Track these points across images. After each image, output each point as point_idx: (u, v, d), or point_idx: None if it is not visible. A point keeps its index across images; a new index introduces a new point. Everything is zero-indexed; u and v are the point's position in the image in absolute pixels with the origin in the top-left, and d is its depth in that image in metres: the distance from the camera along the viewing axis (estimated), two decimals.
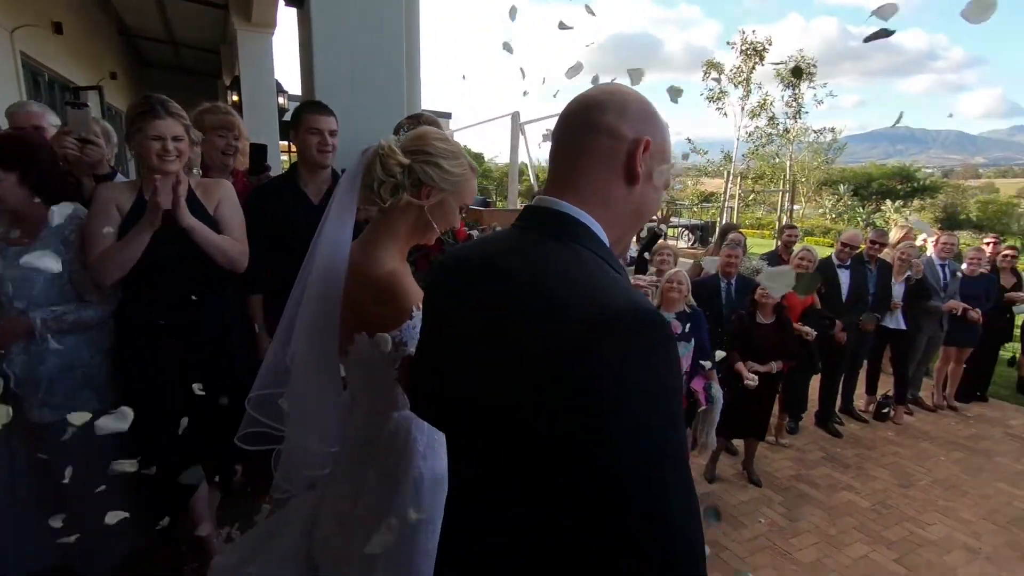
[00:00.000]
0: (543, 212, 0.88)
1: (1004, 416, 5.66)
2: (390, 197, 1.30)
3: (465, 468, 0.87)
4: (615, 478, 0.65)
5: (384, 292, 1.28)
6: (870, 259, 4.98)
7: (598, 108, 0.88)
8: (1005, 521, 3.81)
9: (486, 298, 0.84)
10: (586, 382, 0.66)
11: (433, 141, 1.34)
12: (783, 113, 14.05)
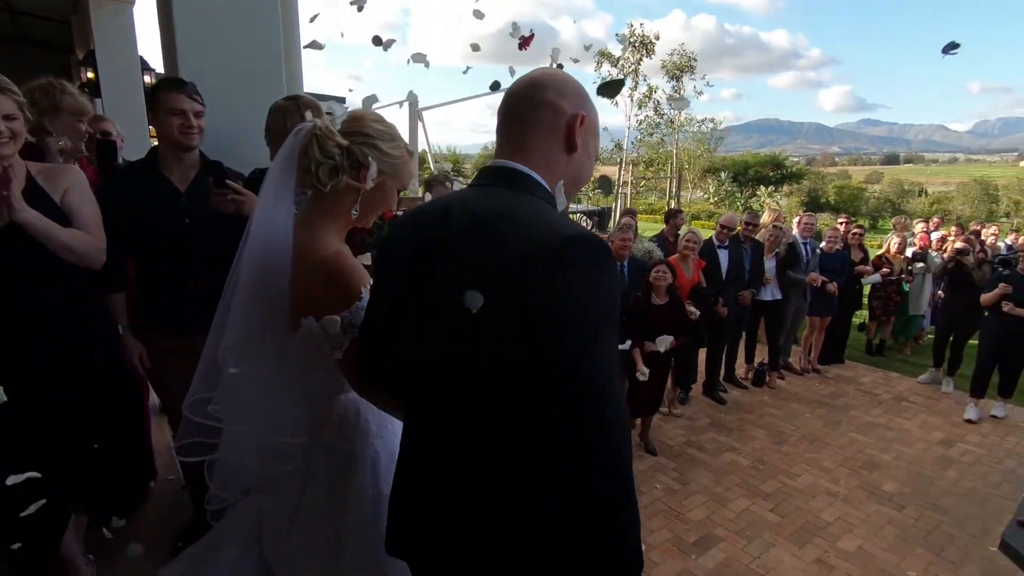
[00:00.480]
0: (498, 170, 1.02)
1: (857, 375, 6.45)
2: (329, 179, 1.27)
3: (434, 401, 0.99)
4: (571, 375, 0.82)
5: (332, 274, 1.25)
6: (745, 239, 5.43)
7: (541, 87, 1.02)
8: (858, 466, 4.35)
9: (453, 236, 0.95)
10: (551, 288, 0.83)
11: (371, 123, 1.32)
12: (668, 104, 14.93)
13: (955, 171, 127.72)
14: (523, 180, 1.00)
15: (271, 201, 1.30)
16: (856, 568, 3.15)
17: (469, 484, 0.95)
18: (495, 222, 0.92)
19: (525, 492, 0.89)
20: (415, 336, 1.02)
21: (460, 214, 0.96)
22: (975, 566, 3.24)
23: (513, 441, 0.89)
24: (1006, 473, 4.34)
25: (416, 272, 1.01)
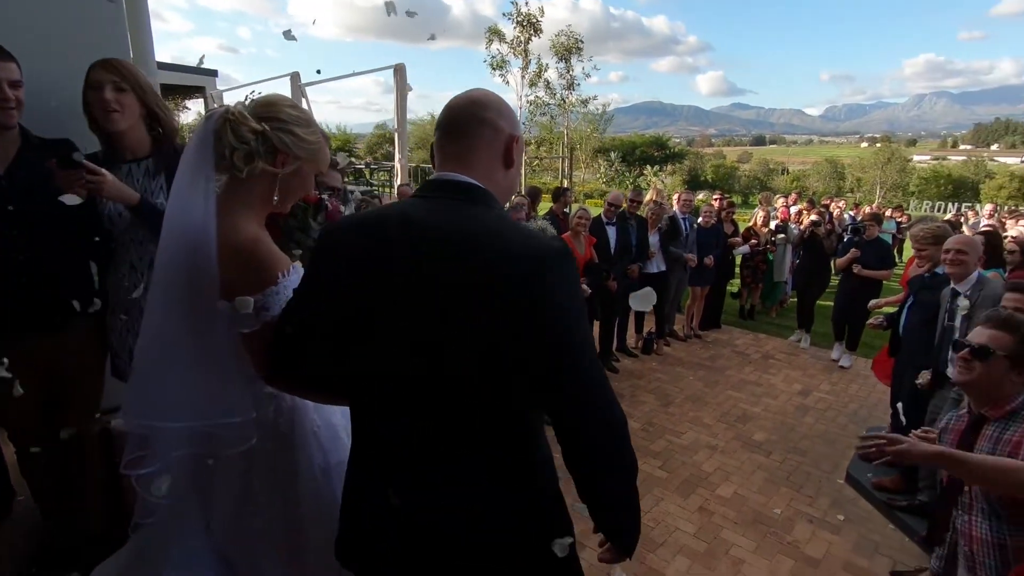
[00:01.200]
0: (450, 183, 1.09)
1: (732, 338, 7.08)
2: (244, 165, 1.26)
3: (404, 402, 1.04)
4: (565, 350, 0.99)
5: (247, 258, 1.25)
6: (631, 215, 5.71)
7: (483, 106, 1.12)
8: (733, 420, 4.80)
9: (431, 249, 1.00)
10: (538, 292, 0.96)
11: (285, 108, 1.32)
12: (559, 84, 15.21)
13: (811, 151, 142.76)
14: (477, 193, 1.09)
15: (186, 186, 1.26)
16: (732, 511, 3.48)
17: (465, 483, 1.07)
18: (479, 232, 1.01)
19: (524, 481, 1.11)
20: (382, 343, 1.05)
21: (428, 227, 1.02)
22: (827, 497, 3.71)
23: (507, 431, 1.07)
24: (850, 415, 4.99)
25: (384, 283, 1.03)
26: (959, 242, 3.29)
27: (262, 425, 1.40)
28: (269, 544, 1.44)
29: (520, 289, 0.96)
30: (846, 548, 3.21)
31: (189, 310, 1.28)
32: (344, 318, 1.08)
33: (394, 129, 13.13)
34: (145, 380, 1.33)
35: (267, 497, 1.42)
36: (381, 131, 42.08)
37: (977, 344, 1.78)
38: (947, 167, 57.79)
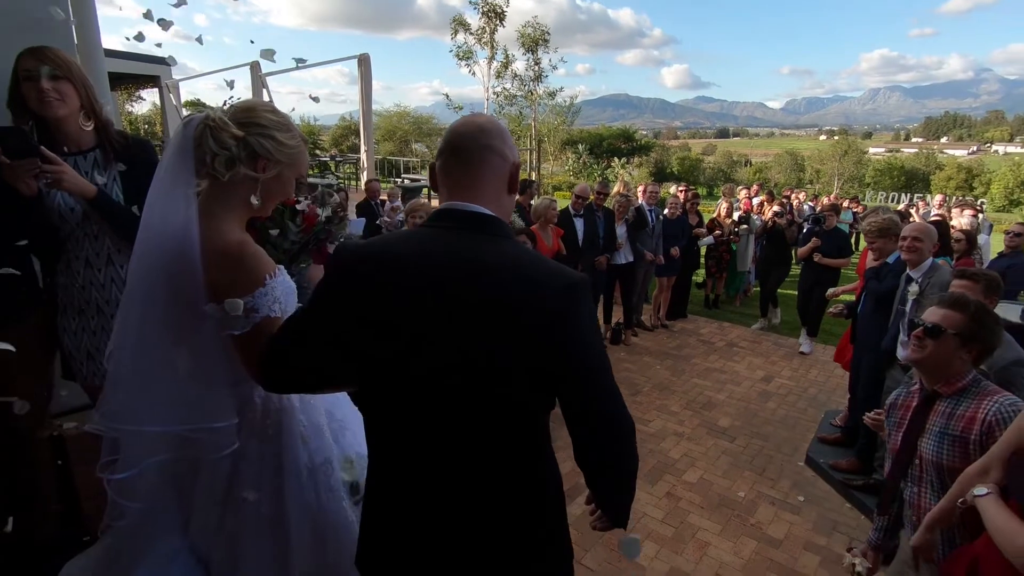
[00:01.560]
0: (467, 215, 1.14)
1: (698, 327, 7.23)
2: (226, 170, 1.27)
3: (431, 418, 1.10)
4: (588, 374, 1.11)
5: (235, 262, 1.27)
6: (598, 207, 5.75)
7: (489, 134, 1.16)
8: (699, 407, 4.91)
9: (466, 282, 1.06)
10: (563, 321, 1.06)
11: (264, 113, 1.33)
12: (526, 76, 15.08)
13: (772, 144, 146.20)
14: (495, 225, 1.15)
15: (166, 191, 1.26)
16: (698, 496, 3.57)
17: (486, 496, 1.15)
18: (511, 265, 1.08)
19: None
20: (417, 370, 1.09)
21: (469, 261, 1.09)
22: (788, 479, 3.84)
23: (526, 447, 1.17)
24: (810, 400, 5.16)
25: (419, 315, 1.07)
26: (915, 230, 3.43)
27: (249, 426, 1.41)
28: (252, 543, 1.44)
29: (551, 320, 1.05)
30: (806, 528, 3.33)
31: (171, 314, 1.28)
32: (386, 348, 1.11)
33: (359, 121, 12.91)
34: (123, 384, 1.31)
35: (252, 503, 1.42)
36: (346, 123, 41.26)
37: (930, 323, 1.85)
38: (900, 159, 60.03)
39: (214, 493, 1.44)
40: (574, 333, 1.07)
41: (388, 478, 1.20)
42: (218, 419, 1.34)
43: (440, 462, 1.13)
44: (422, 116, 39.47)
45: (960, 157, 70.11)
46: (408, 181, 16.15)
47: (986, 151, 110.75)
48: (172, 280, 1.25)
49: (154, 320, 1.28)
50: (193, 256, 1.24)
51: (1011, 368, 2.24)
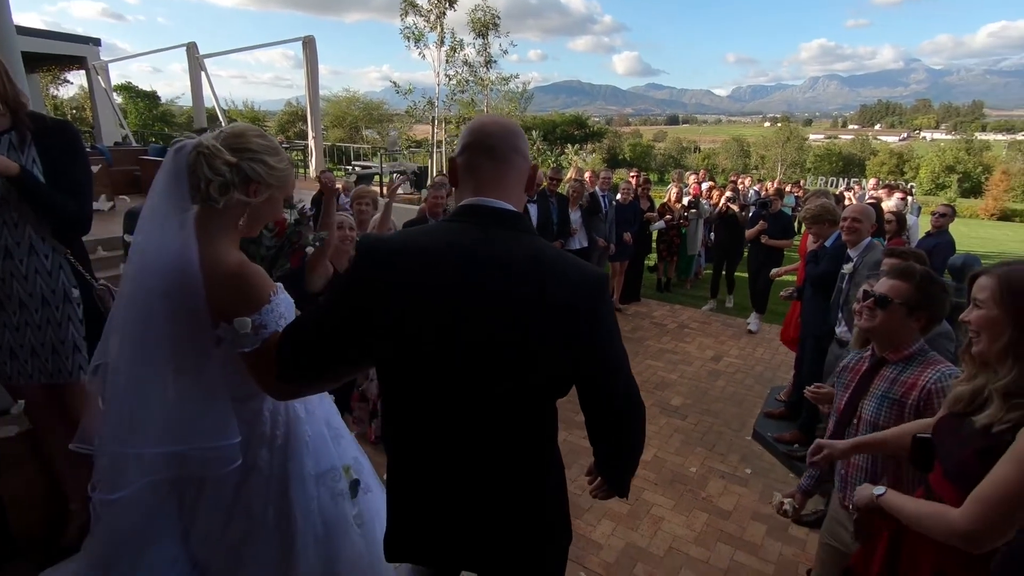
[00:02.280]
0: (497, 211, 1.17)
1: (650, 310, 7.39)
2: (221, 196, 1.29)
3: (461, 406, 1.17)
4: (613, 363, 1.23)
5: (239, 283, 1.31)
6: (551, 193, 5.77)
7: (516, 136, 1.22)
8: (652, 387, 5.03)
9: (503, 275, 1.11)
10: (595, 317, 1.15)
11: (254, 138, 1.36)
12: (477, 61, 14.75)
13: (720, 131, 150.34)
14: (521, 221, 1.20)
15: (161, 217, 1.27)
16: (652, 473, 3.67)
17: (504, 480, 1.24)
18: (540, 259, 1.14)
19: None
20: (451, 352, 1.13)
21: (504, 254, 1.13)
22: (737, 454, 4.00)
23: (538, 437, 1.27)
24: (757, 376, 5.38)
25: (457, 303, 1.11)
26: (854, 211, 3.59)
27: (259, 438, 1.46)
28: (255, 549, 1.47)
29: (584, 312, 1.13)
30: (753, 498, 3.48)
31: (171, 335, 1.30)
32: (427, 339, 1.14)
33: (306, 106, 12.48)
34: (123, 406, 1.31)
35: (260, 507, 1.46)
36: (293, 108, 39.77)
37: (879, 293, 1.94)
38: (838, 145, 62.83)
39: (220, 502, 1.47)
40: (603, 329, 1.16)
41: (413, 463, 1.27)
42: (220, 437, 1.36)
43: (463, 446, 1.21)
44: (372, 102, 38.43)
45: (892, 143, 74.01)
46: (360, 168, 15.78)
47: (915, 137, 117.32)
48: (171, 302, 1.27)
49: (152, 341, 1.29)
50: (194, 279, 1.27)
51: (937, 340, 2.39)
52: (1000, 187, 35.46)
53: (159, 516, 1.46)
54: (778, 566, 2.94)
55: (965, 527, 1.27)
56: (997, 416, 1.30)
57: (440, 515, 1.26)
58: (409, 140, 20.14)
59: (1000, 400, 1.31)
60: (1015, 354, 1.29)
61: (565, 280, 1.12)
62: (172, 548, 1.49)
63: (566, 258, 1.18)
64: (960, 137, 63.37)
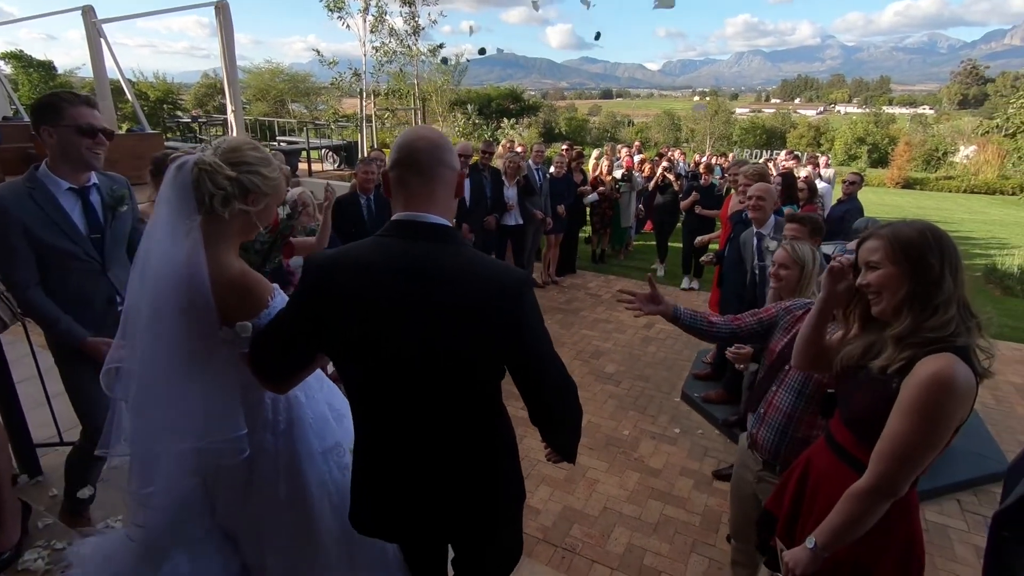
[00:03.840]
0: (427, 226, 1.28)
1: (586, 281, 7.54)
2: (223, 207, 1.40)
3: (407, 399, 1.29)
4: (540, 357, 1.31)
5: (241, 289, 1.43)
6: (484, 167, 5.72)
7: (441, 150, 1.30)
8: (587, 356, 5.17)
9: (429, 287, 1.22)
10: (517, 319, 1.24)
11: (249, 152, 1.46)
12: (404, 31, 14.05)
13: (652, 104, 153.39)
14: (449, 233, 1.29)
15: (169, 230, 1.36)
16: (587, 439, 3.79)
17: (453, 458, 1.37)
18: (464, 270, 1.25)
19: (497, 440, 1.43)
20: (396, 359, 1.26)
21: (431, 268, 1.24)
22: (667, 415, 4.19)
23: (485, 413, 1.38)
24: (686, 341, 5.61)
25: (404, 313, 1.23)
26: (758, 190, 3.74)
27: (263, 425, 1.58)
28: (273, 520, 1.63)
29: (506, 315, 1.23)
30: (682, 456, 3.67)
31: (186, 340, 1.39)
32: (366, 346, 1.27)
33: (223, 78, 11.69)
34: (144, 408, 1.42)
35: (271, 484, 1.60)
36: (210, 80, 37.17)
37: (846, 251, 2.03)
38: (762, 119, 65.53)
39: (236, 482, 1.63)
40: (527, 326, 1.27)
41: (373, 446, 1.40)
42: (231, 430, 1.48)
43: (414, 430, 1.33)
44: (298, 74, 36.39)
45: (810, 117, 77.98)
46: (285, 144, 15.04)
47: (831, 111, 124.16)
48: (181, 307, 1.37)
49: (165, 345, 1.38)
50: (204, 285, 1.36)
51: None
52: (904, 157, 38.19)
53: (189, 497, 1.64)
54: (703, 516, 3.13)
55: (873, 484, 1.38)
56: (892, 357, 1.40)
57: (397, 496, 1.39)
58: (337, 114, 19.28)
59: (894, 345, 1.41)
60: (910, 304, 1.39)
61: (490, 288, 1.23)
62: (206, 521, 1.68)
63: (491, 265, 1.29)
64: (870, 111, 67.52)
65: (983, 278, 9.87)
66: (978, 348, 1.37)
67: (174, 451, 1.45)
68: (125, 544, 1.64)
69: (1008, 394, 4.80)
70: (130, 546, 1.62)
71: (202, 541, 1.65)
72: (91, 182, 2.20)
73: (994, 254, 11.00)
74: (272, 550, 1.66)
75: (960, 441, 3.90)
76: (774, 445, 2.05)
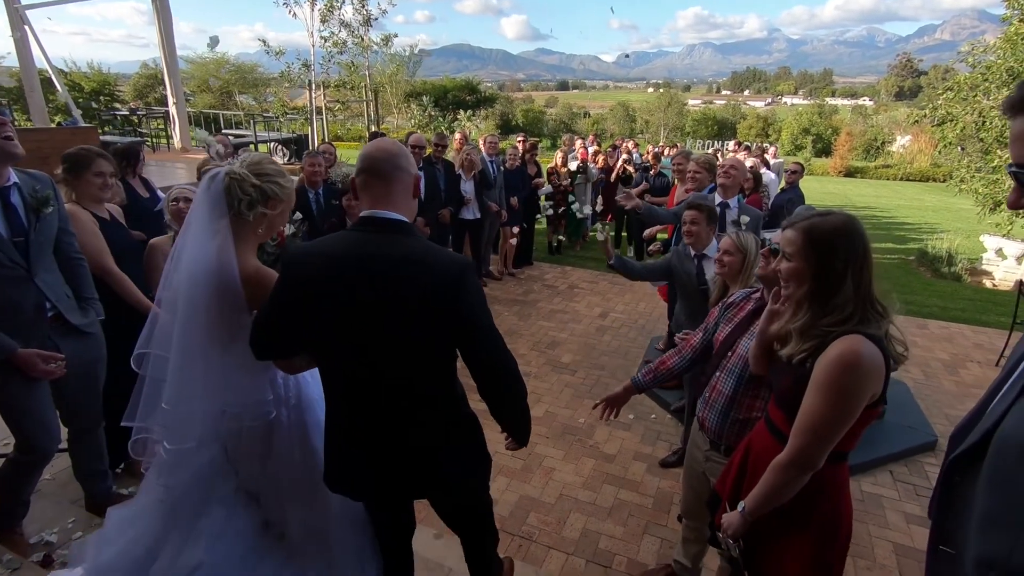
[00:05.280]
0: (384, 221, 1.51)
1: (542, 273, 7.60)
2: (249, 210, 1.66)
3: (366, 372, 1.51)
4: (480, 330, 1.51)
5: (258, 282, 1.67)
6: (437, 160, 5.68)
7: (398, 156, 1.55)
8: (544, 347, 5.22)
9: (380, 273, 1.44)
10: (460, 299, 1.45)
11: (268, 165, 1.74)
12: (355, 20, 13.59)
13: (607, 96, 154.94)
14: (405, 227, 1.52)
15: (203, 229, 1.63)
16: (544, 428, 3.84)
17: (417, 421, 1.58)
18: (412, 259, 1.46)
19: (450, 409, 1.65)
20: (360, 336, 1.48)
21: (381, 257, 1.46)
22: None
23: (440, 377, 1.58)
24: (640, 329, 5.75)
25: (356, 296, 1.45)
26: (730, 162, 3.92)
27: (278, 399, 1.84)
28: (289, 483, 1.88)
29: (449, 294, 1.44)
30: (635, 441, 3.77)
31: (216, 318, 1.65)
32: (328, 325, 1.50)
33: (163, 68, 11.17)
34: (184, 375, 1.65)
35: (287, 451, 1.85)
36: (151, 70, 35.29)
37: (774, 244, 2.10)
38: (713, 110, 67.23)
39: (254, 449, 1.87)
40: (467, 303, 1.47)
41: (338, 415, 1.62)
42: (258, 394, 1.77)
43: (373, 400, 1.54)
44: (245, 64, 35.04)
45: (759, 108, 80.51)
46: (232, 137, 14.50)
47: (778, 103, 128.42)
48: (214, 294, 1.62)
49: (201, 326, 1.63)
50: (234, 278, 1.64)
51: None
52: (845, 147, 39.93)
53: (216, 460, 1.88)
54: (656, 499, 3.22)
55: (792, 458, 1.48)
56: (796, 348, 1.50)
57: (358, 458, 1.61)
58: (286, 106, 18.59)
59: (797, 336, 1.50)
60: (810, 301, 1.48)
61: (434, 270, 1.45)
62: (232, 481, 1.91)
63: (440, 253, 1.51)
64: (814, 102, 70.16)
65: (915, 261, 10.46)
66: (892, 338, 1.47)
67: (208, 411, 1.73)
68: (147, 509, 1.89)
69: (937, 370, 5.11)
70: (156, 508, 1.87)
71: (232, 498, 1.90)
72: (11, 181, 2.08)
73: (925, 239, 11.65)
74: (291, 503, 1.92)
75: (892, 415, 4.15)
76: (718, 426, 2.14)
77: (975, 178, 9.27)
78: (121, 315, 2.52)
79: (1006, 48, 8.55)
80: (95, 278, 2.47)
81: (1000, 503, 0.96)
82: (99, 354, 2.44)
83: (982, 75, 8.88)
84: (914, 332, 5.88)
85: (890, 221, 16.28)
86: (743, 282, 2.72)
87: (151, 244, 2.79)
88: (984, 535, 0.98)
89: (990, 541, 0.97)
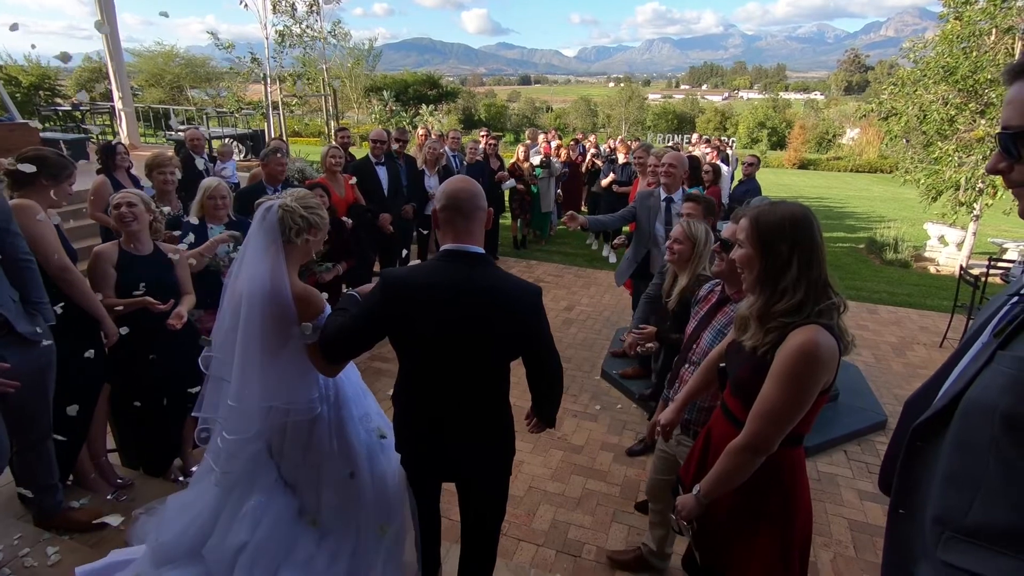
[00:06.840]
0: (469, 255, 1.75)
1: (508, 267, 7.58)
2: (298, 237, 1.92)
3: (451, 373, 1.80)
4: (547, 348, 1.89)
5: (306, 300, 1.91)
6: (398, 155, 5.60)
7: (478, 197, 1.78)
8: None
9: (470, 298, 1.72)
10: (535, 323, 1.81)
11: (311, 199, 1.98)
12: (304, 12, 13.00)
13: (569, 91, 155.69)
14: (486, 259, 1.78)
15: (261, 252, 1.89)
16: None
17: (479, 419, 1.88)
18: (497, 287, 1.75)
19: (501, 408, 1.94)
20: (451, 346, 1.75)
21: (470, 284, 1.72)
22: (588, 393, 4.33)
23: (498, 391, 1.90)
24: (604, 321, 5.83)
25: (450, 314, 1.71)
26: (672, 158, 3.96)
27: (322, 396, 2.06)
28: (327, 473, 2.09)
29: (529, 317, 1.78)
30: (602, 431, 3.82)
31: (273, 333, 1.89)
32: (424, 337, 1.76)
33: (107, 62, 10.65)
34: (246, 376, 1.89)
35: (327, 443, 2.07)
36: (94, 64, 33.62)
37: (724, 237, 2.14)
38: (673, 105, 68.38)
39: (299, 441, 2.07)
40: (540, 326, 1.82)
41: (420, 408, 1.88)
42: (307, 393, 2.00)
43: (453, 396, 1.83)
44: (196, 58, 33.69)
45: (716, 102, 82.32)
46: (182, 133, 13.96)
47: (735, 97, 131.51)
48: (269, 309, 1.86)
49: (257, 333, 1.86)
50: (285, 290, 1.88)
51: None
52: (799, 140, 41.24)
53: (260, 454, 2.09)
54: (623, 487, 3.28)
55: (747, 442, 1.52)
56: (757, 338, 1.54)
57: (437, 441, 1.87)
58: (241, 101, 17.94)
59: (756, 323, 1.55)
60: (761, 284, 1.53)
61: (515, 297, 1.76)
62: (273, 472, 2.11)
63: (514, 281, 1.81)
64: (769, 97, 72.18)
65: (865, 249, 10.89)
66: (841, 329, 1.52)
67: (265, 407, 1.94)
68: (202, 494, 2.12)
69: (886, 353, 5.35)
70: (211, 492, 2.08)
71: (272, 487, 2.10)
72: None
73: (874, 228, 12.16)
74: (325, 491, 2.12)
75: (845, 397, 4.31)
76: (687, 413, 2.20)
77: (918, 169, 9.69)
78: (73, 320, 2.43)
79: (943, 45, 8.94)
80: (48, 279, 2.33)
81: (961, 464, 1.00)
82: (48, 361, 2.28)
83: (921, 71, 9.28)
84: (864, 317, 6.13)
85: (841, 211, 16.92)
86: (692, 270, 2.79)
87: (96, 252, 2.67)
88: (944, 495, 1.02)
89: (949, 500, 1.00)
